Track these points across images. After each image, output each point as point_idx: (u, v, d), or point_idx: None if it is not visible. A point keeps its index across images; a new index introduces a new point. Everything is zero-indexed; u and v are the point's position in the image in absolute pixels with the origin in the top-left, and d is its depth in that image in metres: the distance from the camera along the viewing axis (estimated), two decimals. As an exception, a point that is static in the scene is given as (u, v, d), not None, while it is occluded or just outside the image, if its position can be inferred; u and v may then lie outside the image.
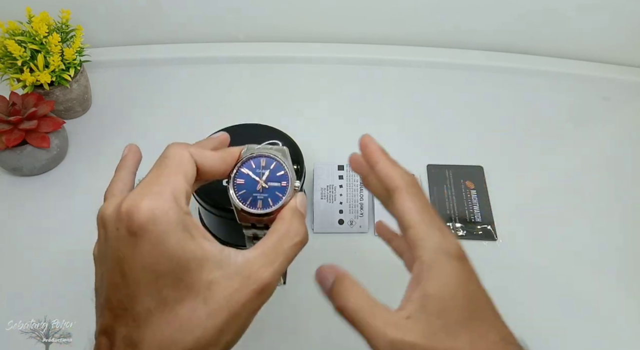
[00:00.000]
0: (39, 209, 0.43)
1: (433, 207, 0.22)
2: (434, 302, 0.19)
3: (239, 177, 0.23)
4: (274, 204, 0.23)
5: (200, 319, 0.17)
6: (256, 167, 0.23)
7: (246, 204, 0.23)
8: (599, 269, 0.40)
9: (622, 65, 0.57)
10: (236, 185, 0.23)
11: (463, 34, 0.57)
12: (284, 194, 0.23)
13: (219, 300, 0.18)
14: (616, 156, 0.49)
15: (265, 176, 0.23)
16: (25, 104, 0.43)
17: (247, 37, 0.58)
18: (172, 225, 0.17)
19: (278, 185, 0.23)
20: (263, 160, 0.23)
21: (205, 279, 0.18)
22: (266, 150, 0.23)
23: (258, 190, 0.23)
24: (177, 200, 0.18)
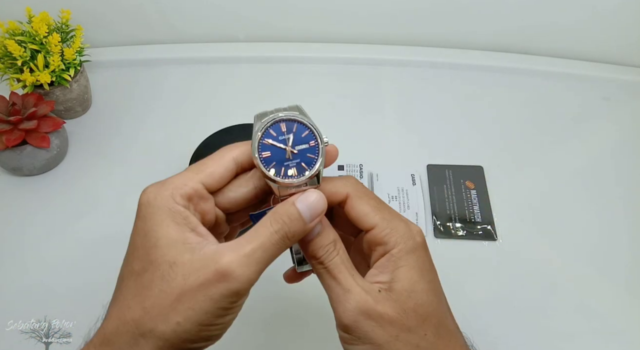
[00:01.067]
0: (39, 209, 0.43)
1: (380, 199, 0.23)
2: (403, 284, 0.20)
3: (262, 150, 0.21)
4: (309, 167, 0.21)
5: (153, 290, 0.18)
6: (278, 135, 0.21)
7: (280, 176, 0.21)
8: (600, 269, 0.40)
9: (622, 65, 0.57)
10: (263, 159, 0.21)
11: (463, 34, 0.57)
12: (316, 154, 0.21)
13: (175, 278, 0.18)
14: (616, 156, 0.49)
15: (291, 141, 0.21)
16: (25, 104, 0.43)
17: (247, 37, 0.58)
18: (157, 209, 0.19)
19: (307, 146, 0.21)
20: (283, 124, 0.21)
21: (171, 259, 0.18)
22: (282, 114, 0.21)
23: (288, 158, 0.21)
24: (172, 193, 0.20)
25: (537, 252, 0.41)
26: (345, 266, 0.21)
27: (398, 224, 0.21)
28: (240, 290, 0.18)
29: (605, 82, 0.55)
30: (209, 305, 0.18)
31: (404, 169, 0.46)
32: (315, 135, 0.21)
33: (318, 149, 0.21)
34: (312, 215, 0.20)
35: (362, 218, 0.21)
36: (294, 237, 0.20)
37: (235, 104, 0.52)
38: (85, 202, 0.44)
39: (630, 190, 0.46)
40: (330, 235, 0.21)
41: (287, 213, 0.20)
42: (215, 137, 0.43)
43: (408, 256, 0.20)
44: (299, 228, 0.20)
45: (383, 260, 0.21)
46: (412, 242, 0.21)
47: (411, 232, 0.21)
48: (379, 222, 0.21)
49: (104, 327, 0.19)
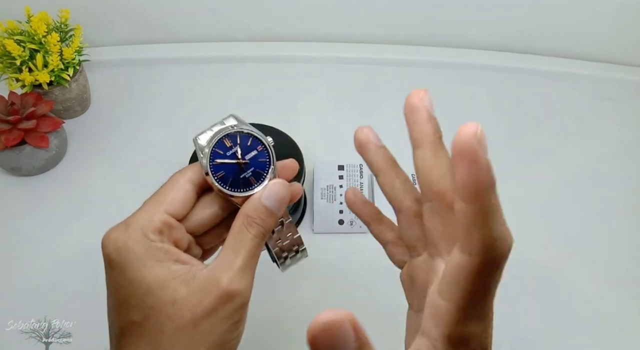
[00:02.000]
0: (38, 209, 0.43)
1: None
2: None
3: (215, 171, 0.21)
4: (265, 171, 0.21)
5: (166, 332, 0.18)
6: (225, 151, 0.21)
7: (240, 189, 0.21)
8: (601, 268, 0.40)
9: (623, 64, 0.57)
10: (219, 180, 0.21)
11: (464, 33, 0.57)
12: (267, 157, 0.21)
13: (182, 314, 0.18)
14: (618, 156, 0.48)
15: (239, 152, 0.21)
16: (24, 103, 0.43)
17: (247, 37, 0.58)
18: (132, 254, 0.19)
19: (256, 152, 0.21)
20: (226, 140, 0.21)
21: (170, 298, 0.18)
22: (220, 130, 0.21)
23: (242, 169, 0.21)
24: (143, 232, 0.19)
25: (538, 252, 0.41)
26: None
27: None
28: (245, 301, 0.19)
29: (607, 82, 0.55)
30: (224, 325, 0.18)
31: (404, 169, 0.45)
32: (260, 139, 0.21)
33: (267, 151, 0.21)
34: (280, 206, 0.21)
35: None
36: (269, 232, 0.20)
37: (235, 103, 0.52)
38: (85, 202, 0.44)
39: (632, 190, 0.46)
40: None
41: (258, 213, 0.20)
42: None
43: None
44: (272, 223, 0.20)
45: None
46: None
47: None
48: None
49: None
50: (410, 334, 0.20)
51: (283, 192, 0.21)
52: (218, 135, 0.21)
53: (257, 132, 0.21)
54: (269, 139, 0.22)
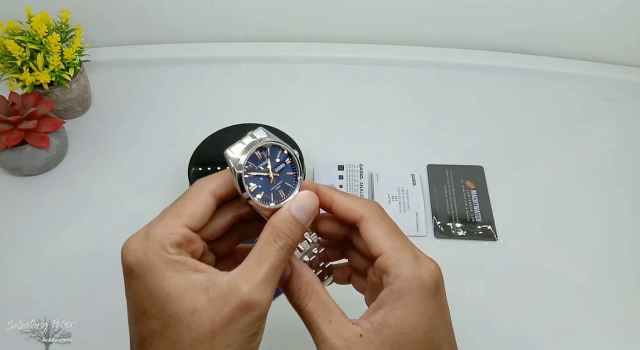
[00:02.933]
0: (39, 209, 0.43)
1: (401, 232, 0.21)
2: (391, 331, 0.18)
3: (248, 183, 0.21)
4: (293, 184, 0.22)
5: (185, 342, 0.18)
6: (257, 164, 0.21)
7: (271, 202, 0.21)
8: (601, 269, 0.40)
9: (623, 65, 0.57)
10: (252, 193, 0.21)
11: (464, 33, 0.57)
12: (294, 170, 0.22)
13: (202, 324, 0.18)
14: (618, 156, 0.49)
15: (270, 165, 0.21)
16: (24, 103, 0.43)
17: (247, 37, 0.58)
18: (152, 266, 0.19)
19: (284, 165, 0.22)
20: (258, 153, 0.21)
21: (189, 307, 0.18)
22: (252, 143, 0.21)
23: (272, 183, 0.21)
24: (162, 245, 0.19)
25: (538, 252, 0.41)
26: (320, 312, 0.20)
27: (407, 256, 0.19)
28: (264, 314, 0.19)
29: (607, 82, 0.55)
30: (242, 336, 0.18)
31: (404, 169, 0.45)
32: (288, 151, 0.22)
33: (295, 163, 0.22)
34: (309, 218, 0.21)
35: (372, 241, 0.20)
36: (296, 245, 0.20)
37: (235, 103, 0.52)
38: (85, 201, 0.44)
39: (632, 189, 0.46)
40: (302, 279, 0.20)
41: (287, 224, 0.20)
42: (215, 137, 0.43)
43: (407, 297, 0.19)
44: (300, 234, 0.20)
45: (383, 295, 0.19)
46: (417, 282, 0.19)
47: (419, 268, 0.19)
48: (387, 249, 0.20)
49: None
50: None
51: (312, 203, 0.21)
52: (252, 148, 0.21)
53: (285, 145, 0.22)
54: (295, 151, 0.22)
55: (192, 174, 0.41)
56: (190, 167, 0.41)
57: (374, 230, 0.20)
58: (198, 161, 0.41)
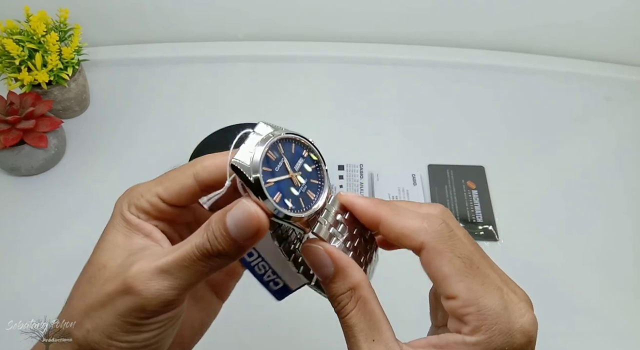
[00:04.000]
0: (37, 208, 0.43)
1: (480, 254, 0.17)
2: None
3: (272, 193, 0.16)
4: (319, 179, 0.17)
5: (78, 291, 0.18)
6: (272, 166, 0.17)
7: (302, 209, 0.17)
8: (602, 269, 0.40)
9: (624, 64, 0.57)
10: (277, 203, 0.16)
11: (464, 33, 0.57)
12: (316, 163, 0.18)
13: (96, 283, 0.17)
14: (618, 156, 0.48)
15: (288, 164, 0.17)
16: (23, 103, 0.43)
17: (246, 36, 0.58)
18: (115, 214, 0.19)
19: (302, 160, 0.17)
20: (270, 154, 0.17)
21: (103, 262, 0.18)
22: (260, 142, 0.17)
23: (296, 185, 0.17)
24: (129, 202, 0.19)
25: (538, 253, 0.41)
26: (363, 326, 0.16)
27: (492, 302, 0.15)
28: (147, 306, 0.16)
29: (607, 82, 0.55)
30: (115, 318, 0.16)
31: (405, 169, 0.45)
32: (303, 142, 0.17)
33: (315, 153, 0.18)
34: (242, 235, 0.16)
35: (441, 282, 0.16)
36: (223, 257, 0.16)
37: (234, 103, 0.52)
38: (84, 201, 0.44)
39: (633, 189, 0.45)
40: (345, 283, 0.17)
41: (214, 225, 0.16)
42: (214, 137, 0.43)
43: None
44: (225, 247, 0.16)
45: (453, 338, 0.15)
46: (504, 340, 0.15)
47: (509, 323, 0.15)
48: (463, 292, 0.15)
49: None
50: None
51: (246, 219, 0.16)
52: (262, 150, 0.16)
53: (296, 133, 0.17)
54: (310, 138, 0.18)
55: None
56: (190, 167, 0.41)
57: (442, 266, 0.16)
58: (197, 161, 0.41)
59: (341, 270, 0.17)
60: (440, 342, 0.16)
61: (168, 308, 0.16)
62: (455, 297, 0.16)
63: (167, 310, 0.17)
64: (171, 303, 0.16)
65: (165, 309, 0.16)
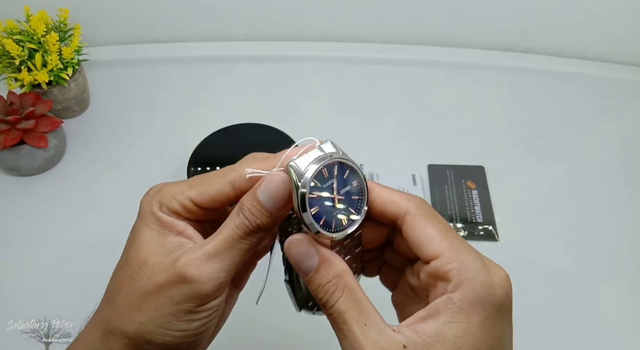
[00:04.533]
0: (37, 209, 0.43)
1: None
2: (446, 348, 0.15)
3: (311, 206, 0.17)
4: (357, 211, 0.18)
5: (122, 289, 0.18)
6: (322, 183, 0.18)
7: (332, 230, 0.18)
8: (602, 269, 0.40)
9: (625, 64, 0.57)
10: (313, 216, 0.17)
11: (465, 32, 0.57)
12: (360, 195, 0.19)
13: (142, 278, 0.18)
14: (619, 156, 0.48)
15: (336, 186, 0.18)
16: (23, 103, 0.43)
17: (247, 36, 0.58)
18: (147, 213, 0.19)
19: (350, 187, 0.18)
20: (325, 171, 0.18)
21: (142, 259, 0.18)
22: (320, 158, 0.18)
23: (335, 207, 0.18)
24: (161, 203, 0.19)
25: (539, 253, 0.41)
26: (353, 312, 0.16)
27: (472, 260, 0.16)
28: (202, 292, 0.17)
29: (608, 81, 0.55)
30: (170, 307, 0.17)
31: (405, 169, 0.45)
32: (357, 171, 0.19)
33: (363, 187, 0.19)
34: (274, 204, 0.18)
35: (424, 242, 0.17)
36: (262, 231, 0.18)
37: (234, 103, 0.52)
38: (84, 201, 0.44)
39: (633, 189, 0.46)
40: (331, 271, 0.17)
41: (250, 203, 0.18)
42: (214, 137, 0.43)
43: (472, 310, 0.15)
44: (262, 220, 0.18)
45: (439, 302, 0.16)
46: (486, 293, 0.16)
47: (489, 276, 0.16)
48: (445, 251, 0.16)
49: (88, 321, 0.20)
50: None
51: (277, 188, 0.17)
52: (320, 164, 0.18)
53: (355, 164, 0.19)
54: (364, 173, 0.19)
55: (191, 174, 0.40)
56: (190, 167, 0.41)
57: (426, 228, 0.17)
58: (197, 161, 0.41)
59: (326, 260, 0.18)
60: (429, 311, 0.16)
61: (220, 291, 0.18)
62: (437, 256, 0.17)
63: (218, 294, 0.18)
64: (222, 285, 0.18)
65: (218, 293, 0.18)
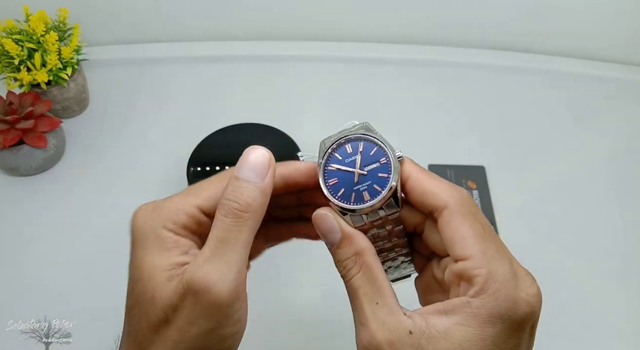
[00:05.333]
0: (37, 209, 0.43)
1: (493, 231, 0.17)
2: (450, 347, 0.15)
3: (329, 176, 0.18)
4: (382, 188, 0.18)
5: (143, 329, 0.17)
6: (344, 158, 0.19)
7: (350, 202, 0.18)
8: (602, 269, 0.40)
9: (624, 64, 0.57)
10: (330, 187, 0.18)
11: (465, 32, 0.57)
12: (388, 172, 0.18)
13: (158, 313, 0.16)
14: (619, 155, 0.48)
15: (359, 162, 0.19)
16: (22, 103, 0.43)
17: (246, 36, 0.58)
18: (146, 236, 0.17)
19: (377, 165, 0.18)
20: (348, 146, 0.19)
21: (150, 293, 0.16)
22: (346, 134, 0.19)
23: (357, 182, 0.18)
24: (164, 221, 0.18)
25: (539, 253, 0.41)
26: (367, 289, 0.16)
27: (503, 269, 0.15)
28: (219, 299, 0.16)
29: (607, 82, 0.55)
30: (196, 330, 0.16)
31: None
32: (385, 150, 0.19)
33: (390, 165, 0.18)
34: (258, 174, 0.17)
35: (457, 241, 0.16)
36: (253, 210, 0.17)
37: (234, 103, 0.52)
38: (83, 201, 0.43)
39: (633, 189, 0.45)
40: (350, 248, 0.17)
41: (229, 188, 0.17)
42: (214, 137, 0.43)
43: (488, 321, 0.15)
44: (248, 197, 0.17)
45: (457, 302, 0.16)
46: (508, 307, 0.15)
47: (516, 290, 0.15)
48: (477, 254, 0.16)
49: None
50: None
51: (255, 158, 0.17)
52: (341, 139, 0.19)
53: (386, 143, 0.19)
54: (398, 153, 0.19)
55: (190, 174, 0.40)
56: (189, 167, 0.41)
57: (462, 227, 0.16)
58: (197, 161, 0.41)
59: (347, 237, 0.18)
60: (446, 307, 0.16)
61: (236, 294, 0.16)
62: (468, 257, 0.16)
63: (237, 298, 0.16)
64: (237, 287, 0.16)
65: (236, 297, 0.16)
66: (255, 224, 0.17)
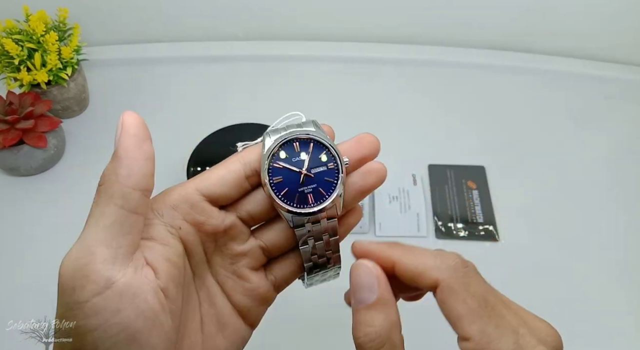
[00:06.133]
0: (37, 209, 0.43)
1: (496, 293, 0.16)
2: None
3: (274, 174, 0.18)
4: (328, 193, 0.18)
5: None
6: (291, 156, 0.18)
7: (293, 204, 0.18)
8: (602, 269, 0.40)
9: (624, 64, 0.57)
10: (274, 185, 0.18)
11: (465, 32, 0.57)
12: (335, 178, 0.18)
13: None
14: (619, 155, 0.48)
15: (307, 163, 0.18)
16: (22, 103, 0.43)
17: (246, 36, 0.58)
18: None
19: (324, 169, 0.18)
20: (297, 144, 0.18)
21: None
22: (294, 132, 0.18)
23: (301, 183, 0.18)
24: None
25: (539, 253, 0.41)
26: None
27: (505, 346, 0.15)
28: (60, 280, 0.15)
29: (607, 82, 0.55)
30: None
31: (405, 169, 0.45)
32: (335, 155, 0.18)
33: (338, 171, 0.18)
34: (135, 132, 0.16)
35: (455, 323, 0.15)
36: (115, 185, 0.16)
37: (234, 103, 0.52)
38: (83, 201, 0.43)
39: (633, 189, 0.45)
40: (381, 315, 0.16)
41: (108, 170, 0.16)
42: (214, 137, 0.43)
43: None
44: (116, 170, 0.16)
45: None
46: None
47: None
48: (476, 335, 0.15)
49: None
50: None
51: (127, 119, 0.16)
52: (290, 136, 0.18)
53: (335, 148, 0.19)
54: (345, 159, 0.19)
55: (190, 174, 0.40)
56: (189, 167, 0.41)
57: (457, 306, 0.15)
58: (197, 161, 0.41)
59: (384, 302, 0.16)
60: None
61: (86, 266, 0.15)
62: (469, 339, 0.15)
63: (87, 274, 0.15)
64: (90, 254, 0.15)
65: (84, 271, 0.14)
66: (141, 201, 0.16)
